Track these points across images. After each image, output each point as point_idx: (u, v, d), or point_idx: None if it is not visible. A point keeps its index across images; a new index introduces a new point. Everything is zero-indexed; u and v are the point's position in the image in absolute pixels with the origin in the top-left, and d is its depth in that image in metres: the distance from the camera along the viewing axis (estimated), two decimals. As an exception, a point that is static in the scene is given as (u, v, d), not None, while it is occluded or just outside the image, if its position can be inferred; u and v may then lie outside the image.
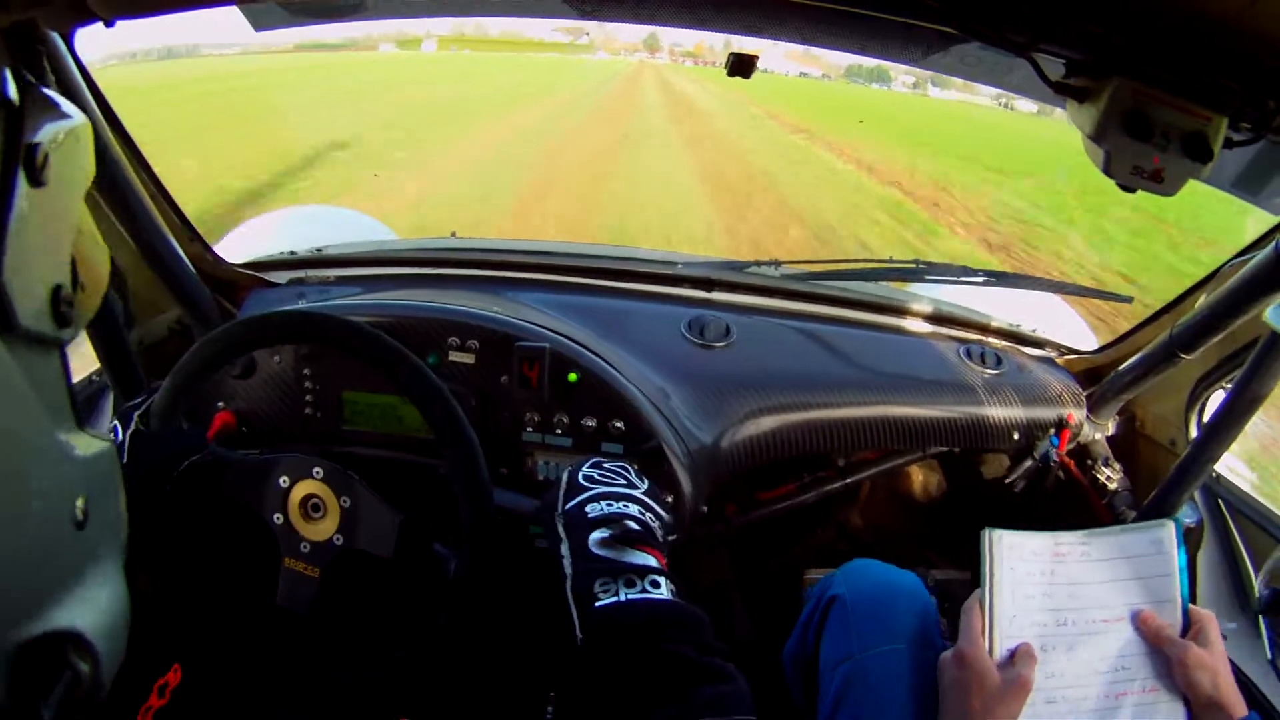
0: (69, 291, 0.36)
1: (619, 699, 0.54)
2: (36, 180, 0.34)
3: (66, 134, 0.36)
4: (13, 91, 0.34)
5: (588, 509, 0.67)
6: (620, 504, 0.68)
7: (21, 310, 0.32)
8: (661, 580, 0.61)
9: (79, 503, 0.35)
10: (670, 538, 0.72)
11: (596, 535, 0.64)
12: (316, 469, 0.79)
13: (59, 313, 0.35)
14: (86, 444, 0.37)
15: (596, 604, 0.59)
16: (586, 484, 0.71)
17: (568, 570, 0.64)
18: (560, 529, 0.68)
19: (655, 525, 0.68)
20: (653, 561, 0.63)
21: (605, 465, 0.74)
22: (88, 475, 0.36)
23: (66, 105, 0.37)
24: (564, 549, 0.66)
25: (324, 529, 0.80)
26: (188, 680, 0.75)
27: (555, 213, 7.05)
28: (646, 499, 0.71)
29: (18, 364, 0.32)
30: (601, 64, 49.26)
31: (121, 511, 0.40)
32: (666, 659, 0.54)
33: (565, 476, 0.73)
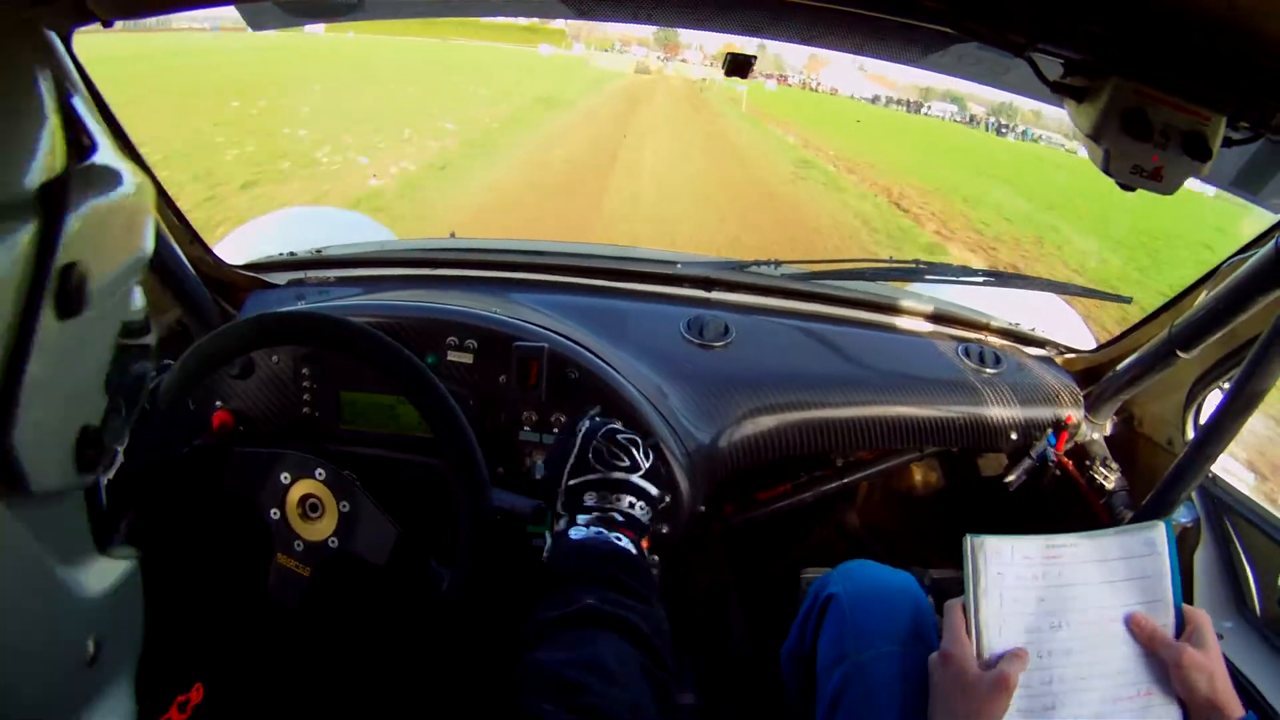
0: (97, 429, 0.31)
1: (552, 595, 0.62)
2: (69, 310, 0.27)
3: (119, 219, 0.30)
4: (57, 163, 0.26)
5: (586, 499, 0.73)
6: (614, 497, 0.73)
7: (35, 474, 0.27)
8: (635, 545, 0.69)
9: (90, 642, 0.32)
10: (660, 523, 0.80)
11: (584, 518, 0.71)
12: (319, 470, 0.79)
13: (84, 459, 0.30)
14: (104, 574, 0.33)
15: (569, 538, 0.68)
16: (595, 463, 0.74)
17: (560, 526, 0.72)
18: (559, 505, 0.74)
19: (643, 514, 0.74)
20: (627, 541, 0.70)
21: (619, 436, 0.77)
22: (102, 611, 0.33)
23: (120, 164, 0.30)
24: (561, 523, 0.73)
25: (320, 530, 0.80)
26: (209, 699, 0.75)
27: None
28: (643, 483, 0.75)
29: (27, 523, 0.28)
30: (577, 66, 38.01)
31: (138, 633, 0.37)
32: (605, 575, 0.63)
33: (579, 439, 0.76)
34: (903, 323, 1.31)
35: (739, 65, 0.83)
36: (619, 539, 0.69)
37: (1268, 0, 0.50)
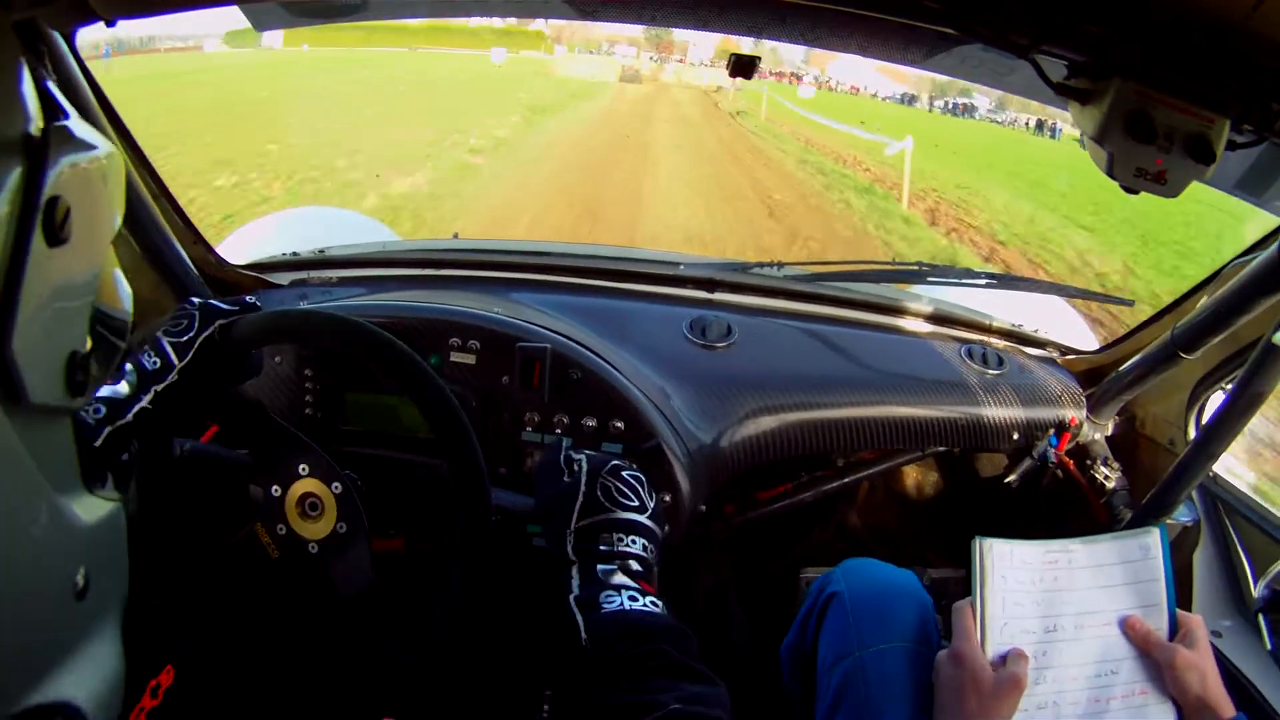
0: (85, 355, 0.33)
1: (618, 686, 0.58)
2: (56, 239, 0.30)
3: (94, 173, 0.33)
4: (35, 124, 0.31)
5: (600, 543, 0.70)
6: (629, 539, 0.71)
7: (32, 385, 0.30)
8: (659, 603, 0.67)
9: (80, 574, 0.34)
10: (661, 524, 0.76)
11: (603, 567, 0.68)
12: (301, 466, 0.79)
13: (73, 381, 0.33)
14: (92, 509, 0.35)
15: (603, 610, 0.64)
16: (605, 502, 0.72)
17: (574, 586, 0.68)
18: (569, 548, 0.71)
19: (654, 558, 0.72)
20: (644, 592, 0.68)
21: (624, 474, 0.75)
22: (91, 545, 0.35)
23: (93, 136, 0.33)
24: (573, 571, 0.69)
25: (324, 525, 0.80)
26: (180, 680, 0.75)
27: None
28: (651, 525, 0.73)
29: (23, 437, 0.30)
30: (535, 76, 24.57)
31: (124, 577, 0.38)
32: (663, 656, 0.60)
33: (583, 479, 0.73)
34: (905, 324, 1.31)
35: (743, 66, 0.82)
36: (655, 606, 0.66)
37: (1272, 3, 0.50)
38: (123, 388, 0.72)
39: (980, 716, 0.67)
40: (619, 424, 0.98)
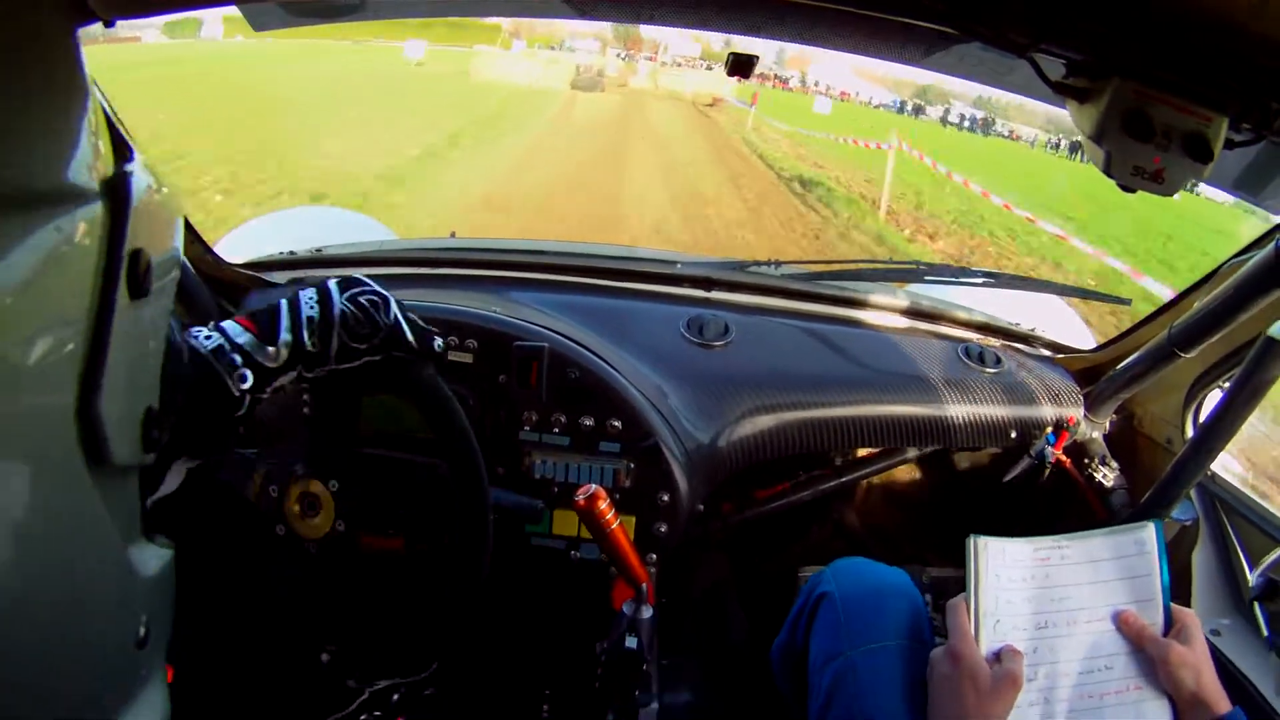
0: (159, 412, 0.33)
1: None
2: (139, 291, 0.29)
3: (164, 218, 0.32)
4: (106, 167, 0.28)
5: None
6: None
7: (116, 445, 0.29)
8: None
9: (142, 623, 0.34)
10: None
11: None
12: (296, 465, 0.79)
13: (149, 438, 0.32)
14: (151, 559, 0.35)
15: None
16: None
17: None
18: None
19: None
20: None
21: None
22: (151, 593, 0.35)
23: (151, 175, 0.32)
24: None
25: (322, 522, 0.80)
26: (178, 679, 0.75)
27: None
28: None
29: (102, 495, 0.29)
30: (450, 83, 16.70)
31: (170, 624, 0.38)
32: None
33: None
34: (903, 323, 1.31)
35: (741, 65, 0.82)
36: None
37: (1270, 2, 0.50)
38: (276, 353, 0.66)
39: (977, 714, 0.67)
40: (616, 423, 0.98)
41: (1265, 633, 0.93)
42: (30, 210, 0.26)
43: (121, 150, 0.30)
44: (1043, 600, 0.73)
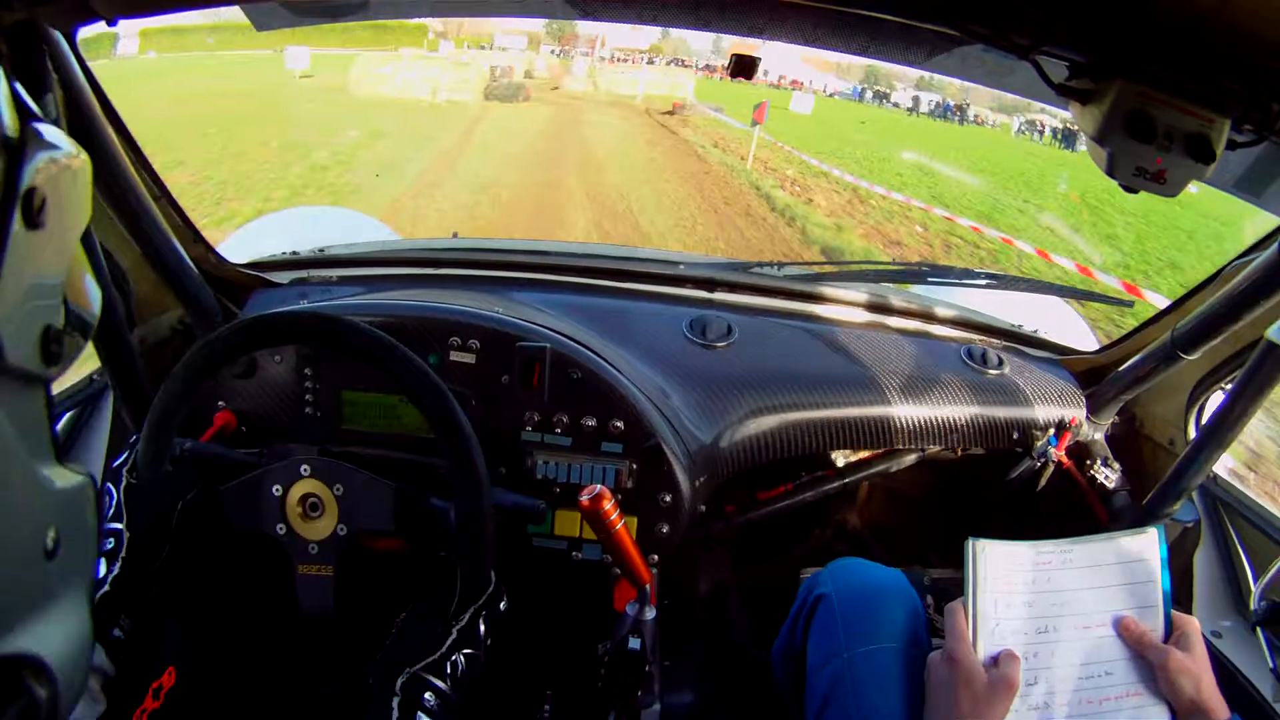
0: (59, 330, 0.37)
1: None
2: (33, 223, 0.34)
3: (65, 174, 0.37)
4: (10, 126, 0.34)
5: (424, 696, 0.71)
6: (438, 702, 0.71)
7: (11, 350, 0.33)
8: None
9: (50, 533, 0.36)
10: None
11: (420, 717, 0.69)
12: (304, 467, 0.79)
13: (48, 351, 0.36)
14: (63, 477, 0.38)
15: None
16: (448, 673, 0.73)
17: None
18: (398, 683, 0.71)
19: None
20: None
21: (473, 666, 0.76)
22: (61, 507, 0.37)
23: (66, 141, 0.37)
24: (394, 704, 0.69)
25: (325, 525, 0.80)
26: (181, 683, 0.75)
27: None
28: (454, 700, 0.73)
29: (1, 400, 0.33)
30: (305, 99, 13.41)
31: (91, 547, 0.41)
32: None
33: (443, 652, 0.74)
34: (905, 324, 1.31)
35: (744, 67, 0.82)
36: None
37: (1271, 4, 0.50)
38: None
39: (973, 718, 0.67)
40: (619, 424, 0.98)
41: (1270, 663, 0.92)
42: None
43: (25, 112, 0.35)
44: (1043, 604, 0.73)
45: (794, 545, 1.49)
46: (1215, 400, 1.08)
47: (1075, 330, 1.60)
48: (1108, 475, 1.15)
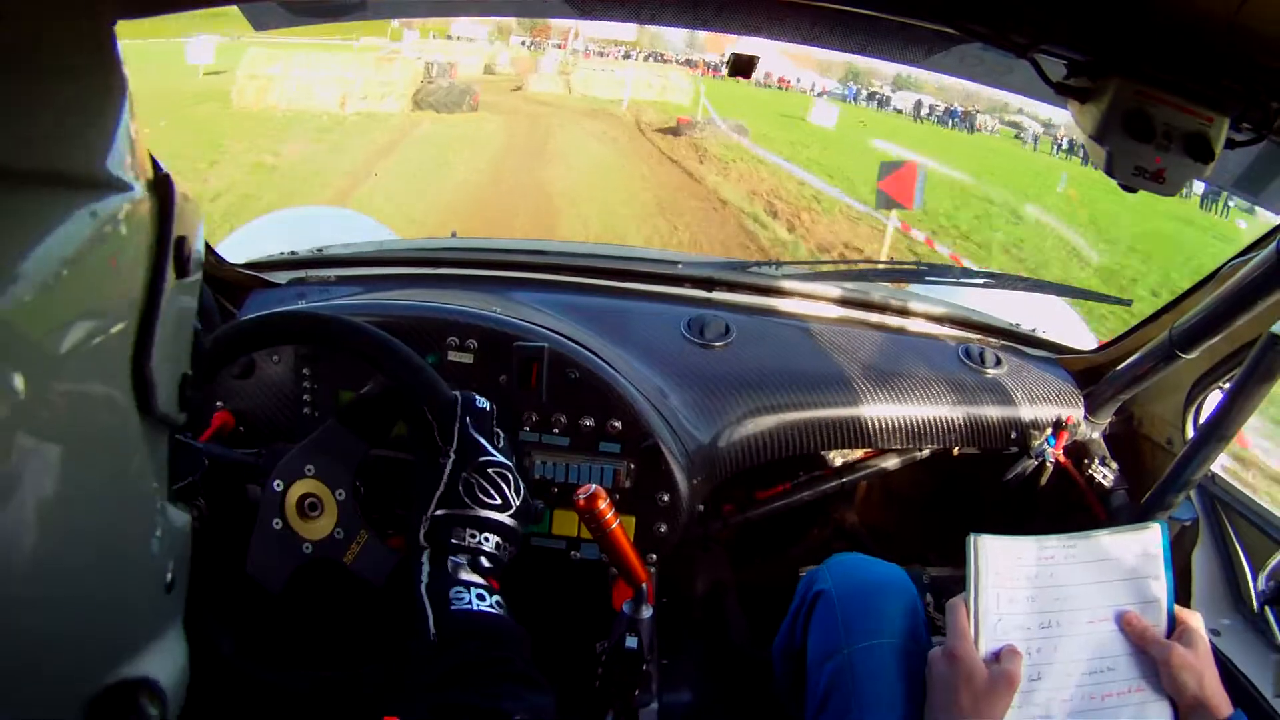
0: (191, 377, 0.39)
1: (467, 689, 0.62)
2: (183, 271, 0.36)
3: (194, 209, 0.38)
4: (146, 165, 0.34)
5: (453, 536, 0.71)
6: (483, 536, 0.72)
7: (161, 395, 0.35)
8: (502, 603, 0.70)
9: (170, 568, 0.39)
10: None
11: (453, 559, 0.70)
12: (308, 466, 0.79)
13: (184, 398, 0.38)
14: (179, 517, 0.41)
15: (452, 606, 0.66)
16: (465, 497, 0.72)
17: (424, 575, 0.69)
18: (421, 535, 0.71)
19: (506, 555, 0.74)
20: (491, 590, 0.70)
21: (490, 470, 0.74)
22: (176, 544, 0.40)
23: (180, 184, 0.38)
24: (424, 558, 0.70)
25: (322, 526, 0.80)
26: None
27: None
28: (510, 522, 0.74)
29: (145, 441, 0.36)
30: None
31: (187, 578, 0.43)
32: (509, 664, 0.64)
33: (449, 468, 0.73)
34: (903, 323, 1.31)
35: (742, 66, 0.82)
36: (499, 607, 0.68)
37: (1271, 3, 0.50)
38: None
39: (974, 714, 0.67)
40: (617, 424, 0.98)
41: (1279, 639, 0.92)
42: (74, 191, 0.31)
43: (152, 158, 0.37)
44: (1046, 599, 0.73)
45: (792, 545, 1.49)
46: (1213, 399, 1.08)
47: (1073, 329, 1.60)
48: (1106, 474, 1.16)
